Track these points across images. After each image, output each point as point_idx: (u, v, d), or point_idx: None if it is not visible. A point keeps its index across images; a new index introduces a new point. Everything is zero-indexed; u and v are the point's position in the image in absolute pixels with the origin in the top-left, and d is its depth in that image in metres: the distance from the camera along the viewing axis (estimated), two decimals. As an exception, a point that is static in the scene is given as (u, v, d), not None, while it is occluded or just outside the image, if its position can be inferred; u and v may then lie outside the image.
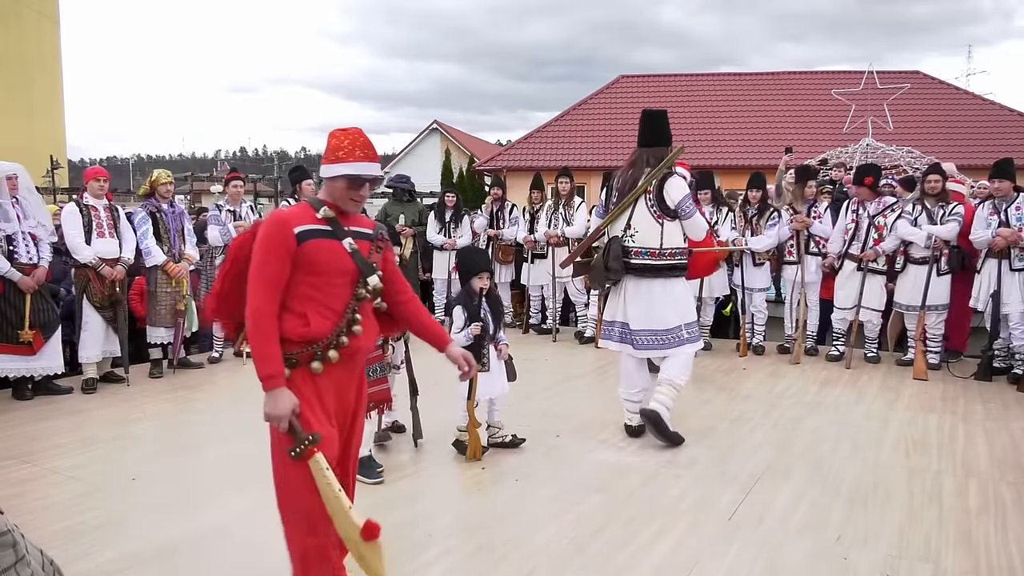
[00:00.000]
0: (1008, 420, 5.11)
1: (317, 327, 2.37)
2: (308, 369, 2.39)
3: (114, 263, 5.90)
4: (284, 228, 2.35)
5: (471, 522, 3.48)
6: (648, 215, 4.49)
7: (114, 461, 4.30)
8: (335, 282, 2.42)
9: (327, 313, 2.40)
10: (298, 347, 2.37)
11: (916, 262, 6.56)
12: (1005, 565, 3.05)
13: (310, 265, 2.36)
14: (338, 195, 2.45)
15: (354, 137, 2.45)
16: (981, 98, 21.25)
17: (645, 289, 4.51)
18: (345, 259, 2.43)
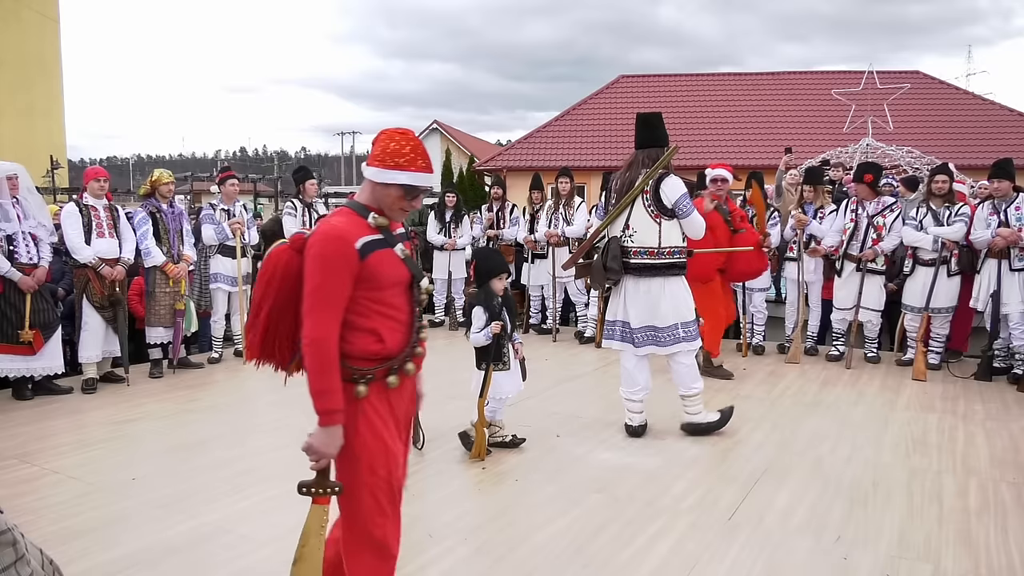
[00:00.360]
0: (1008, 420, 5.11)
1: (392, 342, 2.24)
2: (383, 384, 2.24)
3: (114, 263, 5.90)
4: (346, 244, 2.13)
5: (471, 522, 3.48)
6: (646, 215, 4.55)
7: (114, 461, 4.30)
8: (396, 292, 2.28)
9: (396, 326, 2.27)
10: (373, 364, 2.21)
11: (924, 264, 6.55)
12: (1005, 565, 3.05)
13: (373, 279, 2.19)
14: (388, 202, 2.24)
15: (415, 144, 2.26)
16: (981, 98, 21.26)
17: (644, 288, 4.57)
18: (400, 267, 2.27)
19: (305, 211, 7.61)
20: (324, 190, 23.38)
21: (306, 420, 4.35)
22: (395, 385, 2.26)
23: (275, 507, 3.63)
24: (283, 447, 4.58)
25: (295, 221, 7.55)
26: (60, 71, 19.76)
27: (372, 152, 2.26)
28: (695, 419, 4.71)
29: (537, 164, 19.09)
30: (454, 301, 8.88)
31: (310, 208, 7.65)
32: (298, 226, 7.55)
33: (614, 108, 22.54)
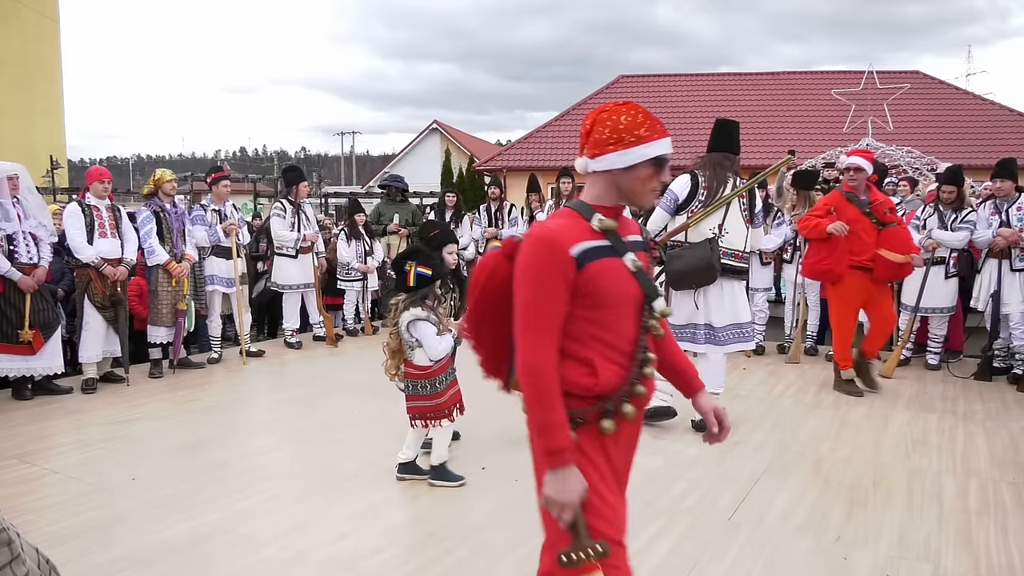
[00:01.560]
0: (1008, 420, 5.10)
1: (607, 377, 1.82)
2: (597, 428, 1.84)
3: (116, 263, 5.90)
4: (559, 251, 1.77)
5: (471, 522, 3.47)
6: (740, 218, 4.76)
7: (113, 461, 4.29)
8: (620, 313, 1.85)
9: (615, 356, 1.85)
10: (584, 403, 1.83)
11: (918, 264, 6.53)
12: (1005, 565, 3.05)
13: (593, 295, 1.80)
14: (637, 186, 1.85)
15: (644, 111, 1.87)
16: (981, 98, 21.25)
17: (727, 289, 4.76)
18: (629, 282, 1.85)
19: (295, 212, 7.57)
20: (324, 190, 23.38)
21: (304, 421, 4.37)
22: (610, 431, 1.84)
23: (275, 507, 3.63)
24: (283, 447, 4.59)
25: (283, 223, 7.50)
26: (60, 71, 19.75)
27: (596, 139, 1.86)
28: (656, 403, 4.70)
29: (537, 164, 19.08)
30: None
31: (299, 209, 7.62)
32: (287, 228, 7.51)
33: (614, 108, 22.52)
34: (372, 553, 3.14)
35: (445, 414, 3.93)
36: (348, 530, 3.35)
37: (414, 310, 3.80)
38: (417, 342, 3.81)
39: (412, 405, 3.92)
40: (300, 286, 7.65)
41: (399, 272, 3.88)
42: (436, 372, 3.89)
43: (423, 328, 3.78)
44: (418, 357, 3.84)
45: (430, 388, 3.88)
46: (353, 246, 8.27)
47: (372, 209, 9.46)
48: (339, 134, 76.67)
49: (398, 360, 3.91)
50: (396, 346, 3.89)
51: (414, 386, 3.89)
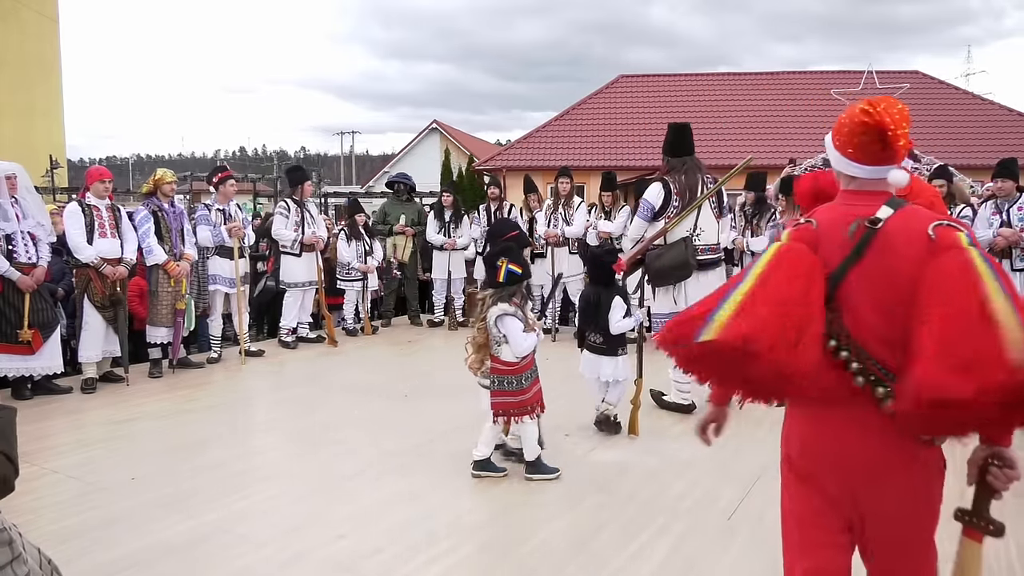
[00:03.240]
0: (1008, 420, 5.10)
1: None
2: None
3: (116, 263, 5.90)
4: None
5: (471, 522, 3.47)
6: (710, 215, 5.12)
7: (113, 461, 4.29)
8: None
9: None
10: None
11: None
12: (1004, 566, 3.05)
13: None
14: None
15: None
16: (980, 98, 21.26)
17: (704, 280, 5.03)
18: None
19: (299, 211, 7.58)
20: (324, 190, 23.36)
21: (304, 421, 4.37)
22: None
23: (274, 507, 3.63)
24: (282, 447, 4.59)
25: (286, 222, 7.52)
26: (59, 71, 19.75)
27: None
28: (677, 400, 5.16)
29: (537, 164, 19.09)
30: (453, 301, 8.88)
31: (303, 208, 7.63)
32: (290, 227, 7.52)
33: (614, 108, 22.53)
34: (371, 553, 3.13)
35: (528, 410, 3.97)
36: (347, 530, 3.35)
37: (502, 305, 3.88)
38: (504, 338, 3.86)
39: (497, 401, 3.94)
40: (306, 284, 7.67)
41: (491, 267, 3.96)
42: (523, 368, 3.96)
43: (511, 323, 3.86)
44: (505, 353, 3.91)
45: (516, 384, 3.93)
46: (353, 246, 8.27)
47: (378, 209, 9.47)
48: (339, 134, 76.60)
49: (483, 355, 3.97)
50: (483, 340, 3.95)
51: (500, 382, 3.94)
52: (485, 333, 3.93)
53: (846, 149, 1.89)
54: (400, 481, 3.97)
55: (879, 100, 1.84)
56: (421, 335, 8.46)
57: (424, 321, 8.99)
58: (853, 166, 1.90)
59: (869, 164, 1.88)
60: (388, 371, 6.70)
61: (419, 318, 9.05)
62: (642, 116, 21.69)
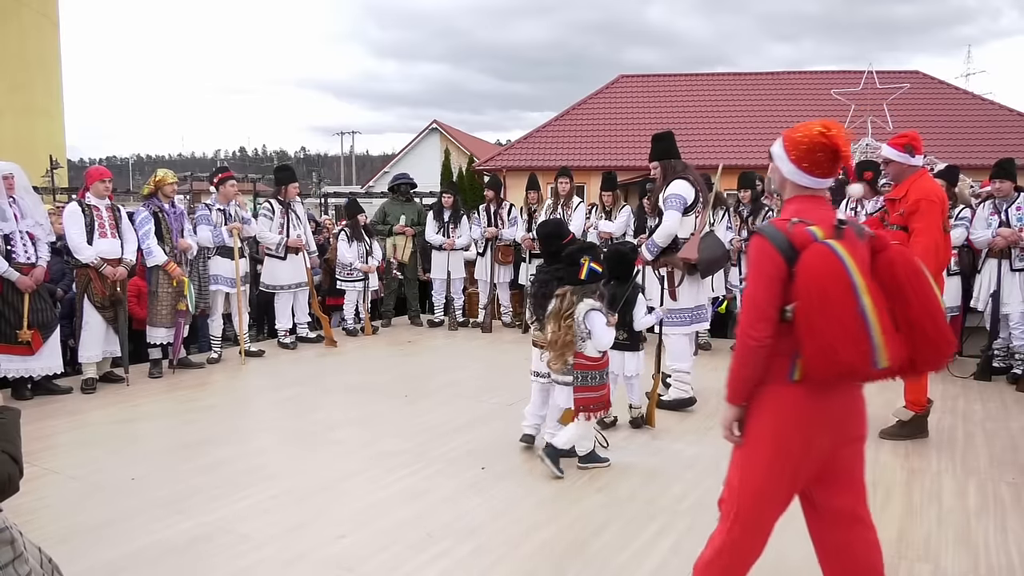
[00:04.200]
0: (1007, 420, 5.11)
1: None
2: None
3: (116, 263, 5.90)
4: None
5: (470, 522, 3.47)
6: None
7: (113, 461, 4.29)
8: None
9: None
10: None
11: None
12: (1004, 565, 3.05)
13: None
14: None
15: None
16: (980, 98, 21.26)
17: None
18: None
19: (284, 212, 7.57)
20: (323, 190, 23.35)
21: (304, 421, 4.37)
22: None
23: (275, 506, 3.63)
24: (282, 447, 4.59)
25: (270, 223, 7.50)
26: (59, 71, 19.77)
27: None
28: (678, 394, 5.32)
29: (537, 164, 19.08)
30: (453, 301, 8.88)
31: (289, 209, 7.62)
32: (275, 229, 7.50)
33: (614, 108, 22.53)
34: (372, 553, 3.14)
35: (605, 406, 4.07)
36: (348, 530, 3.36)
37: (589, 301, 3.98)
38: (588, 333, 3.94)
39: (581, 397, 4.00)
40: (291, 286, 7.65)
41: (572, 264, 4.02)
42: (604, 364, 4.07)
43: (597, 319, 3.94)
44: (588, 348, 3.99)
45: (598, 379, 4.01)
46: (355, 246, 8.28)
47: (378, 209, 9.47)
48: (339, 134, 76.58)
49: (569, 352, 4.01)
50: (570, 338, 3.98)
51: (584, 377, 3.99)
52: (570, 330, 3.97)
53: (802, 163, 2.24)
54: (400, 481, 3.97)
55: (831, 124, 2.25)
56: (421, 335, 8.47)
57: (424, 321, 9.00)
58: (807, 177, 2.24)
59: (821, 177, 2.24)
60: (388, 371, 6.70)
61: (419, 318, 9.05)
62: (642, 116, 21.68)
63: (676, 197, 5.08)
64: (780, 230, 2.15)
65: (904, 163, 4.44)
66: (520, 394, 5.59)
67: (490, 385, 6.12)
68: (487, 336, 8.37)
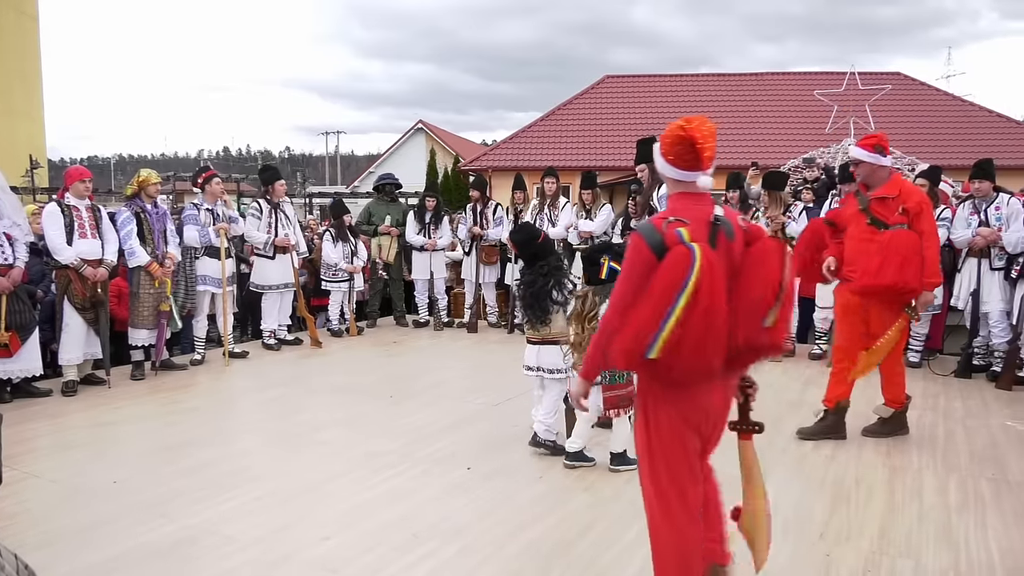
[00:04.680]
0: (987, 417, 5.17)
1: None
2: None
3: (97, 264, 5.84)
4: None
5: (456, 522, 3.47)
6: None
7: (95, 464, 4.25)
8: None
9: None
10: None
11: None
12: (984, 560, 3.09)
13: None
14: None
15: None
16: (961, 99, 21.51)
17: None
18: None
19: (272, 212, 7.53)
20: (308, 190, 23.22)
21: (288, 422, 4.33)
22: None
23: (260, 508, 3.61)
24: (267, 448, 4.56)
25: (258, 223, 7.46)
26: (40, 70, 19.53)
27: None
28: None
29: (523, 164, 19.09)
30: (437, 301, 8.87)
31: (278, 208, 7.58)
32: (263, 228, 7.46)
33: (600, 108, 22.59)
34: (357, 554, 3.13)
35: (631, 401, 4.05)
36: (333, 532, 3.34)
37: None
38: None
39: (610, 395, 4.01)
40: (280, 286, 7.61)
41: (593, 265, 4.03)
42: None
43: None
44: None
45: (625, 377, 4.01)
46: (340, 247, 8.25)
47: (363, 209, 9.45)
48: (323, 134, 76.38)
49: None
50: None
51: (612, 376, 3.98)
52: (593, 329, 3.96)
53: (667, 157, 2.38)
54: (385, 482, 3.96)
55: (692, 119, 2.34)
56: (406, 336, 8.44)
57: (409, 322, 8.98)
58: (673, 170, 2.38)
59: (686, 169, 2.36)
60: (373, 372, 6.68)
61: (404, 319, 9.03)
62: (628, 116, 21.75)
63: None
64: (656, 229, 2.32)
65: (875, 163, 4.45)
66: (506, 394, 5.59)
67: (476, 385, 6.11)
68: (472, 336, 8.36)
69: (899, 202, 4.39)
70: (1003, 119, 20.01)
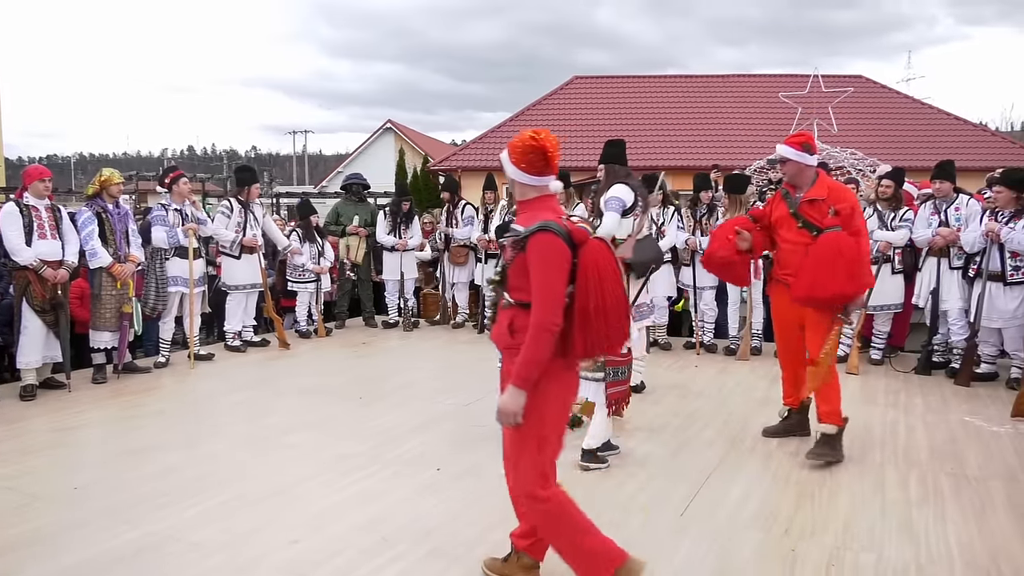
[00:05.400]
0: (947, 412, 5.29)
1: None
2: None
3: (57, 265, 5.71)
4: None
5: (426, 524, 3.45)
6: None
7: (55, 470, 4.16)
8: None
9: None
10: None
11: None
12: (944, 553, 3.16)
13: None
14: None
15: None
16: (921, 102, 21.98)
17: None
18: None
19: (242, 212, 7.43)
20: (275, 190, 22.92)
21: (256, 425, 4.28)
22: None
23: (226, 513, 3.56)
24: (234, 452, 4.49)
25: (227, 222, 7.35)
26: (-4, 66, 19.03)
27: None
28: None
29: (492, 164, 19.06)
30: (408, 302, 8.83)
31: (247, 209, 7.48)
32: (231, 228, 7.36)
33: (569, 108, 22.65)
34: (326, 558, 3.10)
35: (627, 397, 4.29)
36: (301, 535, 3.31)
37: None
38: None
39: (614, 391, 4.17)
40: (247, 287, 7.52)
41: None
42: (630, 359, 4.29)
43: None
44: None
45: (625, 373, 4.22)
46: (307, 248, 8.18)
47: (331, 209, 9.37)
48: (291, 133, 75.63)
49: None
50: None
51: (615, 372, 4.16)
52: None
53: (520, 164, 2.57)
54: (355, 484, 3.93)
55: (540, 131, 2.57)
56: (375, 337, 8.39)
57: (379, 322, 8.92)
58: (525, 176, 2.58)
59: (536, 175, 2.57)
60: (342, 373, 6.63)
61: (374, 319, 8.97)
62: (597, 116, 21.85)
63: (615, 199, 5.24)
64: (560, 224, 2.46)
65: (802, 162, 4.34)
66: (476, 394, 5.59)
67: (446, 386, 6.10)
68: (442, 337, 8.34)
69: (829, 203, 4.26)
70: (961, 122, 20.51)
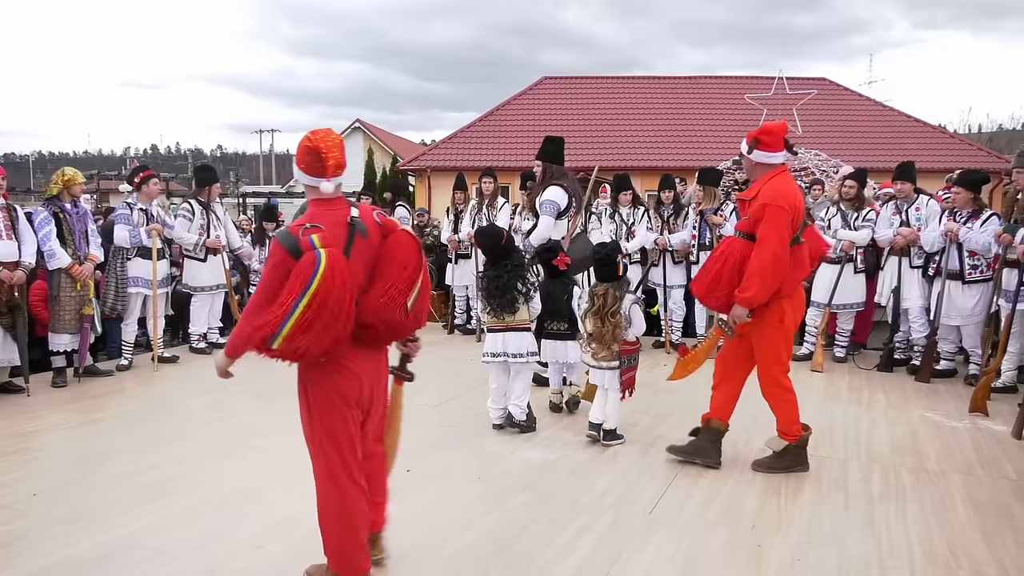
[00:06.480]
0: (908, 409, 5.40)
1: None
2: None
3: (13, 267, 5.56)
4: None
5: (394, 526, 3.42)
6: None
7: (12, 476, 4.04)
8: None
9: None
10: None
11: (829, 261, 6.77)
12: (904, 546, 3.23)
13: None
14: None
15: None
16: (882, 104, 22.42)
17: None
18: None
19: (203, 213, 7.31)
20: (241, 189, 22.65)
21: (220, 428, 4.23)
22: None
23: (189, 517, 3.50)
24: (197, 455, 4.42)
25: (189, 224, 7.20)
26: (-50, 62, 18.51)
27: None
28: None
29: (461, 164, 19.02)
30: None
31: (209, 210, 7.35)
32: (194, 230, 7.22)
33: (538, 109, 22.69)
34: (291, 563, 3.06)
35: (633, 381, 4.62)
36: (266, 540, 3.27)
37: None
38: (630, 322, 4.47)
39: (629, 377, 4.53)
40: (211, 288, 7.40)
41: (610, 264, 4.54)
42: (638, 346, 4.64)
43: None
44: (630, 334, 4.51)
45: (635, 360, 4.60)
46: (258, 251, 8.41)
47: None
48: (257, 132, 74.58)
49: (618, 342, 4.43)
50: (619, 331, 4.42)
51: (629, 360, 4.52)
52: (619, 325, 4.40)
53: (300, 165, 2.68)
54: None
55: (319, 131, 2.69)
56: (344, 338, 8.32)
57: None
58: (304, 176, 2.67)
59: (311, 175, 2.66)
60: (310, 375, 6.55)
61: (342, 320, 8.89)
62: (566, 116, 21.92)
63: (550, 203, 5.44)
64: (292, 235, 2.58)
65: (751, 158, 4.00)
66: (446, 395, 5.57)
67: (414, 386, 6.01)
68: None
69: (751, 206, 3.92)
70: (921, 124, 20.98)
